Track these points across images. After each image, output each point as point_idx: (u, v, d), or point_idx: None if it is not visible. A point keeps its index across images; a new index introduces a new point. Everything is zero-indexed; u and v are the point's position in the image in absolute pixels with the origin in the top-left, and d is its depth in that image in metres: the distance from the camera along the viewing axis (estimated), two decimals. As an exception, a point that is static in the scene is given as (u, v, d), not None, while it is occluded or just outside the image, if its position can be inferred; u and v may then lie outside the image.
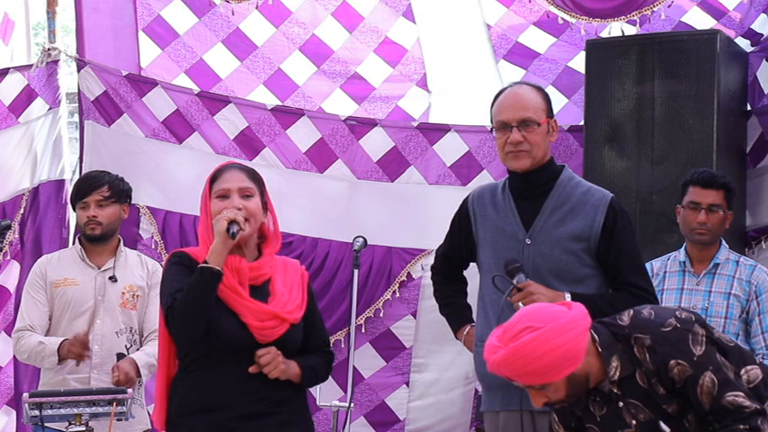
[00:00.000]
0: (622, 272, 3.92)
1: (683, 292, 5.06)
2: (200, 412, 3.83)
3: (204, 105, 6.50)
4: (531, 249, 3.90)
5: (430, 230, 6.33)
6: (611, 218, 3.90)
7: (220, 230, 3.77)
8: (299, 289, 3.94)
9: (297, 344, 3.91)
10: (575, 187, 3.98)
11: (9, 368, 6.23)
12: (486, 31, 6.45)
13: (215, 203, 3.87)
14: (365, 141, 6.44)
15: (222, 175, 3.92)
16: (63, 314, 5.04)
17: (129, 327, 5.07)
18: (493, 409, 3.98)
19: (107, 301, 5.05)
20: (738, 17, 6.10)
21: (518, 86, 4.10)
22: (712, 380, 3.31)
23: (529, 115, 3.93)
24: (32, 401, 4.44)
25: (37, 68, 6.56)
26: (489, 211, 4.03)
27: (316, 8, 6.60)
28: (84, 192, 5.07)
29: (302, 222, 6.40)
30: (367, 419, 6.35)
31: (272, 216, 3.98)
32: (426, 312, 6.30)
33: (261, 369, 3.81)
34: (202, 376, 3.85)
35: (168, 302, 3.81)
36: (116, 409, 4.43)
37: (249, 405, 3.83)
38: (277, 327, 3.83)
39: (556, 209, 3.94)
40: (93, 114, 6.57)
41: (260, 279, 3.89)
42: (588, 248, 3.90)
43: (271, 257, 3.94)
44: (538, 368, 3.26)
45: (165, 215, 6.49)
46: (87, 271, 5.10)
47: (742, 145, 6.01)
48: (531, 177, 3.97)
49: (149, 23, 6.65)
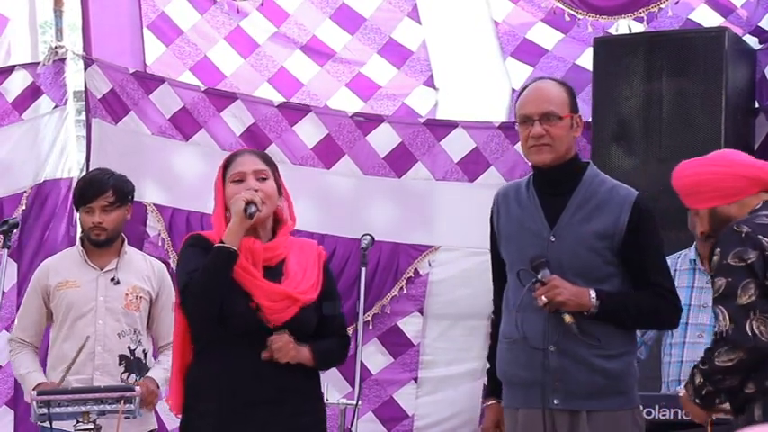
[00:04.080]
0: (646, 271, 3.89)
1: (694, 290, 5.05)
2: (214, 397, 3.85)
3: (211, 102, 6.52)
4: (556, 247, 3.87)
5: (437, 226, 6.38)
6: (635, 216, 3.87)
7: (237, 210, 3.79)
8: (315, 269, 3.95)
9: (311, 326, 3.92)
10: (600, 184, 3.94)
11: (9, 368, 6.20)
12: (494, 28, 6.45)
13: (230, 188, 3.89)
14: (372, 137, 6.45)
15: (236, 159, 3.95)
16: (66, 316, 5.03)
17: (133, 328, 5.05)
18: (513, 406, 3.96)
19: (109, 302, 5.04)
20: (746, 15, 6.09)
21: (542, 81, 4.09)
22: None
23: (551, 109, 3.89)
24: (41, 399, 4.44)
25: (44, 66, 6.57)
26: (514, 207, 3.99)
27: (313, 11, 6.62)
28: (89, 197, 5.03)
29: (309, 219, 6.37)
30: (375, 415, 6.37)
31: (286, 200, 4.00)
32: (434, 309, 6.34)
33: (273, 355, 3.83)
34: (216, 360, 3.87)
35: (184, 281, 3.84)
36: (124, 407, 4.43)
37: (261, 391, 3.85)
38: (289, 307, 3.84)
39: (581, 206, 3.91)
40: (100, 112, 6.60)
41: (274, 260, 3.90)
42: (612, 246, 3.87)
43: (285, 238, 3.96)
44: (689, 185, 3.81)
45: (172, 213, 6.52)
46: (89, 272, 5.07)
47: (750, 143, 5.99)
48: (555, 173, 3.92)
49: (153, 20, 6.68)
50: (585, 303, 3.79)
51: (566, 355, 3.80)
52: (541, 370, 3.81)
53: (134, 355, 5.03)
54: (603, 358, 3.82)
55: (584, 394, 3.82)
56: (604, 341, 3.82)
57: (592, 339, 3.78)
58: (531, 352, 3.82)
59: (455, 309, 6.23)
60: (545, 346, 3.80)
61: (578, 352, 3.81)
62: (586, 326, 3.79)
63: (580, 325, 3.77)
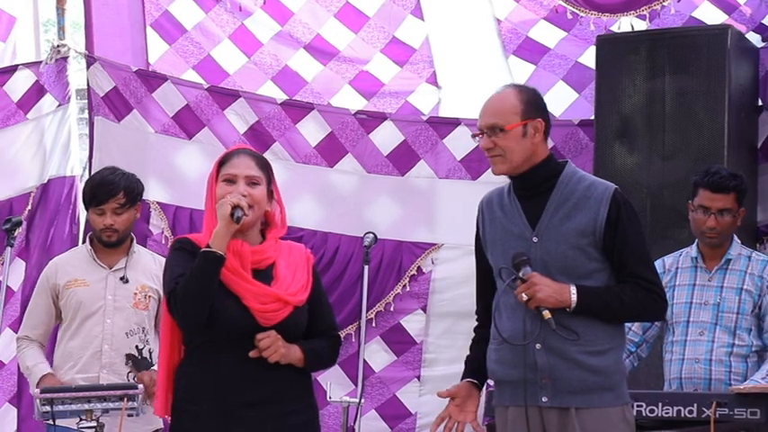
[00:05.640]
0: (628, 264, 3.90)
1: (695, 288, 5.05)
2: (204, 399, 3.84)
3: (214, 100, 6.54)
4: (539, 247, 3.89)
5: (440, 224, 6.40)
6: (614, 210, 3.88)
7: (224, 215, 3.78)
8: (304, 271, 3.95)
9: (301, 327, 3.92)
10: (577, 182, 3.96)
11: (13, 365, 6.26)
12: (497, 26, 6.48)
13: (221, 187, 3.88)
14: (375, 135, 6.47)
15: (231, 159, 3.93)
16: (75, 315, 5.06)
17: (141, 327, 5.08)
18: (502, 404, 3.99)
19: (118, 301, 5.06)
20: (749, 12, 6.11)
21: (498, 91, 4.05)
22: None
23: (494, 121, 3.89)
24: (44, 397, 4.48)
25: (47, 65, 6.60)
26: (498, 213, 4.02)
27: (317, 10, 6.64)
28: (101, 198, 5.03)
29: (312, 217, 6.45)
30: (378, 413, 6.39)
31: (278, 204, 4.00)
32: (436, 307, 6.36)
33: (261, 353, 3.82)
34: (205, 362, 3.86)
35: (171, 287, 3.82)
36: (127, 405, 4.46)
37: (252, 392, 3.84)
38: (280, 309, 3.84)
39: (560, 205, 3.92)
40: (103, 110, 6.62)
41: (263, 263, 3.90)
42: (594, 242, 3.89)
43: (274, 241, 3.95)
44: None
45: (175, 210, 6.55)
46: (98, 271, 5.10)
47: (753, 140, 6.02)
48: (528, 178, 3.94)
49: (157, 19, 6.70)
50: (566, 299, 3.80)
51: (552, 353, 3.82)
52: (528, 368, 3.83)
53: (141, 354, 5.04)
54: (590, 355, 3.82)
55: (572, 391, 3.83)
56: (590, 337, 3.82)
57: (570, 334, 3.79)
58: (518, 351, 3.83)
59: (458, 306, 6.22)
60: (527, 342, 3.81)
61: (565, 349, 3.82)
62: (567, 321, 3.80)
63: (559, 320, 3.77)
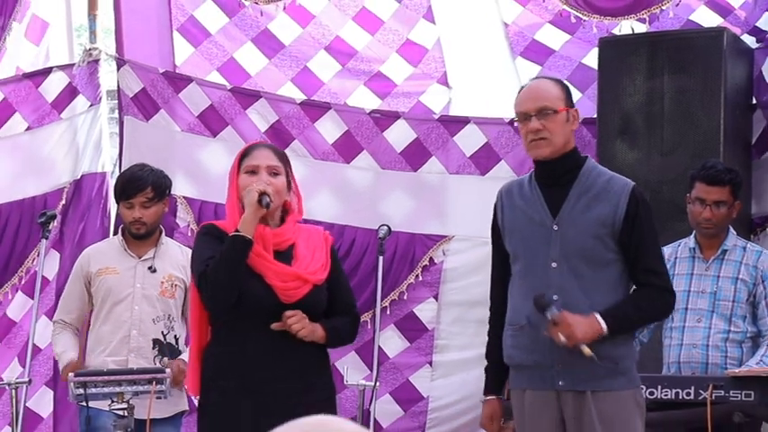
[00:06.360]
0: (644, 259, 3.99)
1: (693, 277, 5.11)
2: (230, 376, 3.98)
3: (237, 100, 6.60)
4: (559, 234, 3.97)
5: (451, 217, 6.47)
6: (633, 205, 3.96)
7: (251, 201, 3.93)
8: (322, 251, 4.09)
9: (321, 305, 4.05)
10: (598, 176, 4.04)
11: (48, 350, 6.33)
12: (504, 30, 6.53)
13: (243, 178, 4.04)
14: (389, 133, 6.54)
15: (252, 152, 4.10)
16: (105, 301, 5.20)
17: (168, 314, 5.21)
18: (519, 387, 4.08)
19: (146, 289, 5.19)
20: (744, 15, 6.16)
21: (537, 80, 4.23)
22: None
23: (545, 104, 3.98)
24: (77, 380, 4.59)
25: (79, 67, 6.69)
26: (518, 201, 4.08)
27: (336, 13, 6.69)
28: (130, 193, 5.18)
29: (330, 210, 6.52)
30: (393, 396, 6.46)
31: (296, 195, 4.15)
32: (448, 295, 6.43)
33: (285, 327, 3.94)
34: (232, 341, 3.99)
35: (201, 269, 3.94)
36: (155, 388, 4.58)
37: (277, 368, 3.97)
38: (300, 287, 3.98)
39: (581, 195, 3.99)
40: (132, 110, 6.70)
41: (283, 245, 4.04)
42: (612, 234, 3.96)
43: (293, 224, 4.09)
44: None
45: (200, 205, 6.61)
46: (128, 260, 5.24)
47: (748, 137, 6.08)
48: (555, 165, 4.00)
49: (183, 23, 6.76)
50: (598, 329, 3.89)
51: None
52: (545, 354, 3.95)
53: (166, 340, 5.20)
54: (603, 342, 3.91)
55: (587, 376, 3.93)
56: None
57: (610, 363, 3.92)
58: (536, 337, 3.94)
59: (468, 295, 6.28)
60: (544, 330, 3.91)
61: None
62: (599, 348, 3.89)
63: (597, 352, 3.88)
